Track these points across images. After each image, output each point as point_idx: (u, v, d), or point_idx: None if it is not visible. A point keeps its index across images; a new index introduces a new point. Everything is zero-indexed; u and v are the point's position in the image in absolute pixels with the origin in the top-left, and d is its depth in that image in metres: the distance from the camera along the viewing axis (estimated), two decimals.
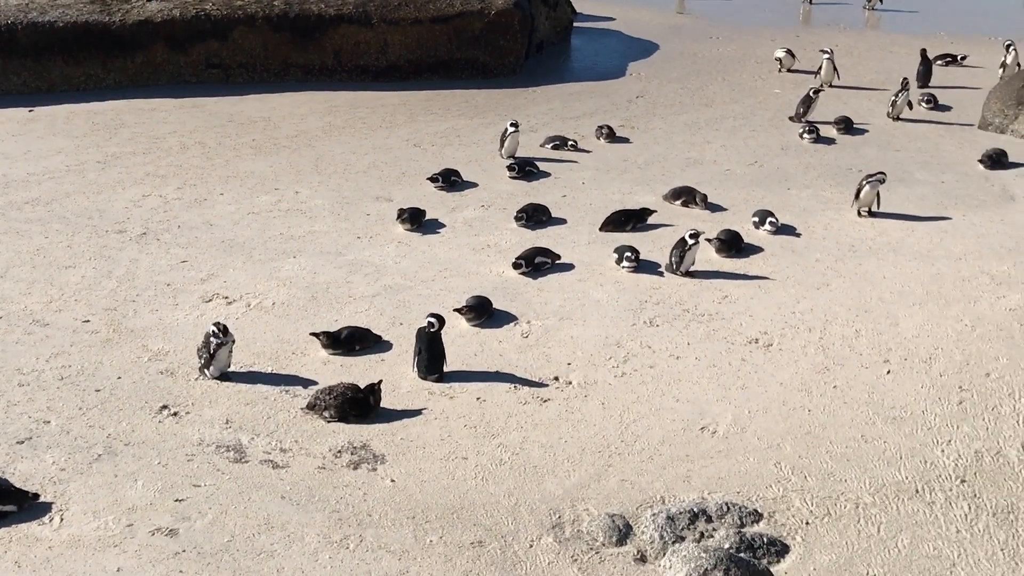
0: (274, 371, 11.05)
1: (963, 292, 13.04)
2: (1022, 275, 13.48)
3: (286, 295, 12.80)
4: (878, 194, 15.44)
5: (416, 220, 14.91)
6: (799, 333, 12.01)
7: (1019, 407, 10.47)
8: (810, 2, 32.98)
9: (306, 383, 10.78)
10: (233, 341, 10.79)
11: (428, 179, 16.56)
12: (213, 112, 20.24)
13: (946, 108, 21.38)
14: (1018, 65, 22.40)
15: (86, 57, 21.39)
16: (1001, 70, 22.95)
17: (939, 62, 24.24)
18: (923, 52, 23.34)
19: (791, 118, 20.26)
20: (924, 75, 22.87)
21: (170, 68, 21.89)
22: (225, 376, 10.79)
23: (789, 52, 24.19)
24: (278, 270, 13.49)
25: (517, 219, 15.06)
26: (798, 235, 14.88)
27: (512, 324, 12.18)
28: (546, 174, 17.24)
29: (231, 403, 10.41)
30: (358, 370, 11.01)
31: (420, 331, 10.93)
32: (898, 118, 20.44)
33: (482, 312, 12.19)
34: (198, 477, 9.20)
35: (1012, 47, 23.08)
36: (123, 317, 12.15)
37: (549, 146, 18.49)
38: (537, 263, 13.57)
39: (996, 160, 17.81)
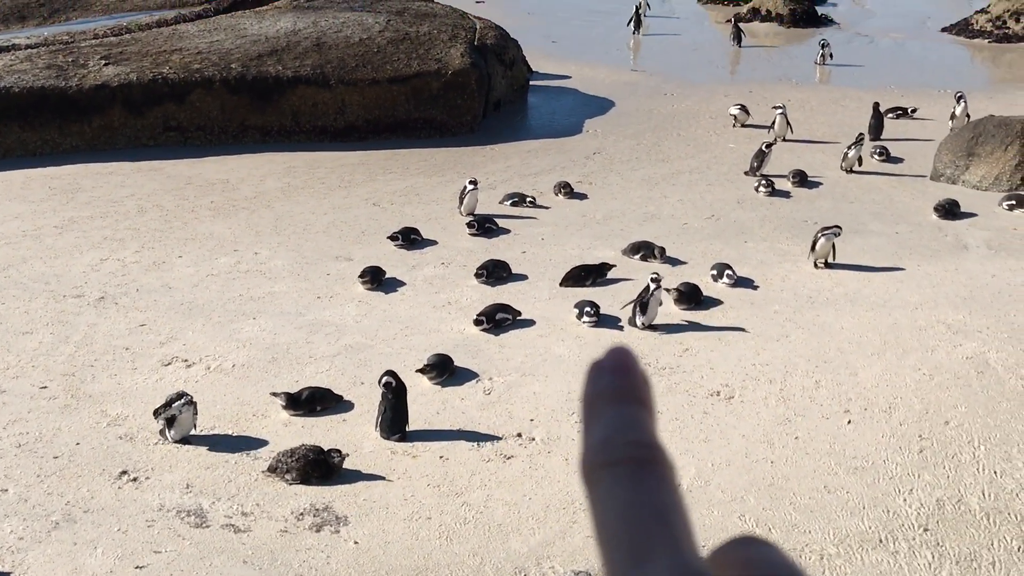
0: (235, 434, 10.97)
1: (920, 341, 13.16)
2: (977, 323, 13.64)
3: (246, 357, 12.73)
4: (833, 245, 15.61)
5: (376, 279, 14.91)
6: (760, 385, 12.07)
7: (979, 455, 10.56)
8: (739, 45, 34.23)
9: (267, 445, 10.70)
10: (195, 404, 10.72)
11: (388, 238, 16.58)
12: (171, 175, 20.21)
13: (898, 160, 21.69)
14: (967, 116, 22.77)
15: (43, 122, 21.31)
16: (951, 121, 23.34)
17: (890, 115, 24.60)
18: (875, 105, 23.70)
19: (746, 172, 20.47)
20: (876, 128, 23.19)
21: (127, 132, 21.84)
22: (185, 440, 10.70)
23: (743, 108, 24.48)
24: (238, 332, 13.43)
25: (477, 276, 15.10)
26: (756, 287, 15.00)
27: (474, 381, 12.16)
28: (505, 231, 17.30)
29: (191, 467, 10.31)
30: (319, 431, 10.95)
31: (383, 393, 10.91)
32: (851, 170, 20.71)
33: (443, 370, 12.18)
34: (159, 543, 9.09)
35: (962, 98, 23.48)
36: (81, 382, 12.04)
37: (508, 203, 18.57)
38: (498, 319, 13.59)
39: (949, 210, 18.06)
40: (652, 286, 13.34)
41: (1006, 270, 15.58)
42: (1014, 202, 18.47)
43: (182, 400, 10.64)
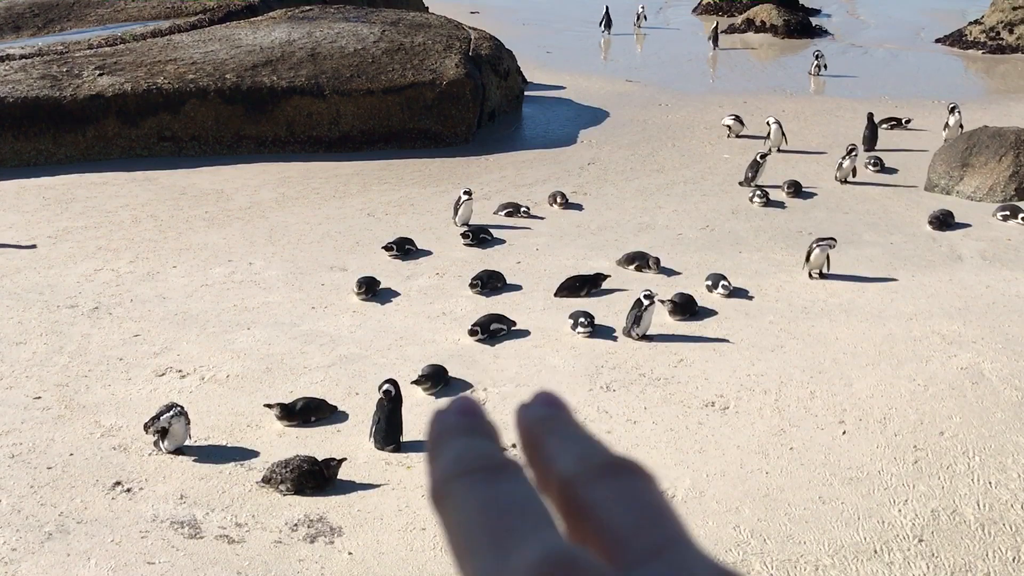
0: (229, 444, 10.95)
1: (915, 352, 13.17)
2: (972, 334, 13.65)
3: (240, 367, 12.71)
4: (828, 256, 15.63)
5: (371, 289, 14.91)
6: (755, 395, 12.06)
7: (973, 465, 10.56)
8: (715, 46, 35.74)
9: (261, 456, 10.68)
10: (185, 414, 10.69)
11: (382, 248, 16.58)
12: (165, 185, 20.20)
13: (892, 171, 21.73)
14: (961, 127, 22.82)
15: (37, 132, 21.31)
16: (944, 131, 23.36)
17: (884, 125, 24.68)
18: (869, 116, 23.76)
19: (741, 183, 20.51)
20: (870, 138, 23.26)
21: (122, 142, 21.84)
22: (179, 450, 10.67)
23: (737, 119, 24.55)
24: (232, 342, 13.40)
25: (472, 286, 15.09)
26: (751, 298, 15.00)
27: (468, 392, 12.14)
28: (500, 241, 17.31)
29: (185, 477, 10.29)
30: (314, 441, 10.92)
31: (380, 401, 10.89)
32: (845, 181, 20.75)
33: (437, 380, 12.16)
34: (152, 554, 9.06)
35: (956, 110, 23.52)
36: (75, 393, 12.01)
37: (503, 213, 18.58)
38: (493, 330, 13.58)
39: (943, 221, 18.09)
40: (645, 302, 13.34)
41: (1000, 281, 15.60)
42: (1008, 212, 18.51)
43: (171, 412, 10.61)
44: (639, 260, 16.12)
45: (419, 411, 11.55)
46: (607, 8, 39.10)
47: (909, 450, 10.85)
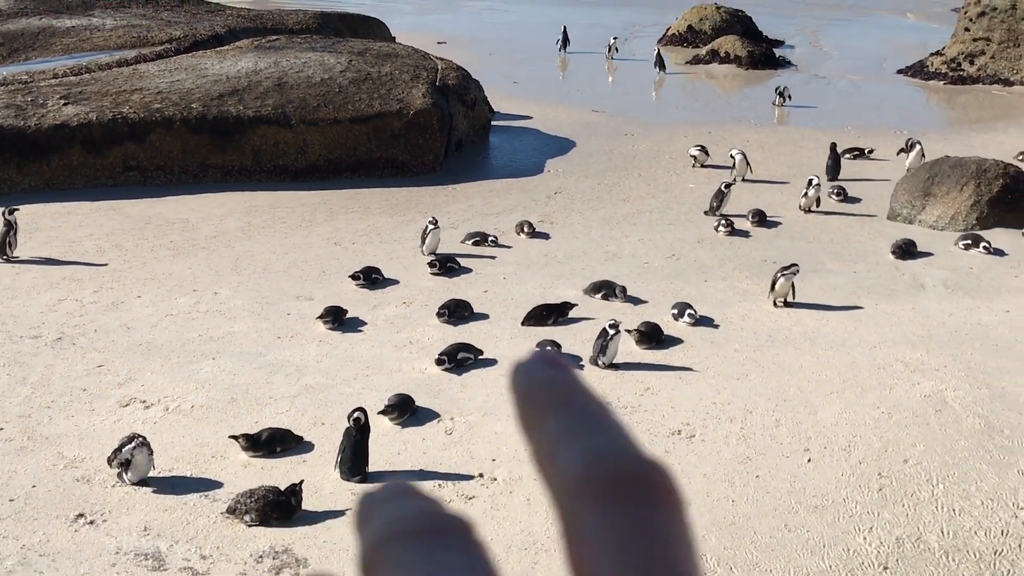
0: (193, 475, 10.87)
1: (879, 380, 13.26)
2: (935, 362, 13.76)
3: (205, 397, 12.63)
4: (792, 285, 15.73)
5: (337, 318, 14.87)
6: (720, 423, 12.10)
7: (937, 493, 10.63)
8: (663, 71, 36.73)
9: (226, 487, 10.61)
10: (148, 444, 10.61)
11: (349, 277, 16.56)
12: (130, 215, 20.09)
13: (855, 200, 21.93)
14: (923, 156, 23.05)
15: (1, 162, 21.15)
16: (902, 155, 23.59)
17: (847, 155, 24.91)
18: (832, 146, 23.98)
19: (706, 212, 20.64)
20: (833, 168, 23.47)
21: (87, 171, 21.72)
22: (143, 481, 10.59)
23: (703, 149, 24.72)
24: (197, 372, 13.33)
25: (439, 315, 15.09)
26: (716, 326, 15.07)
27: (435, 421, 12.13)
28: (467, 270, 17.32)
29: (149, 509, 10.20)
30: (279, 472, 10.86)
31: (348, 430, 10.84)
32: (809, 210, 20.92)
33: (405, 410, 12.13)
34: None
35: (915, 145, 23.70)
36: (37, 424, 11.90)
37: (470, 242, 18.60)
38: (460, 359, 13.57)
39: (906, 250, 18.26)
40: (611, 331, 13.39)
41: (963, 309, 15.75)
42: (970, 241, 18.71)
43: (132, 443, 10.53)
44: (606, 289, 16.17)
45: (386, 441, 11.51)
46: (564, 28, 41.32)
47: (874, 478, 10.91)
